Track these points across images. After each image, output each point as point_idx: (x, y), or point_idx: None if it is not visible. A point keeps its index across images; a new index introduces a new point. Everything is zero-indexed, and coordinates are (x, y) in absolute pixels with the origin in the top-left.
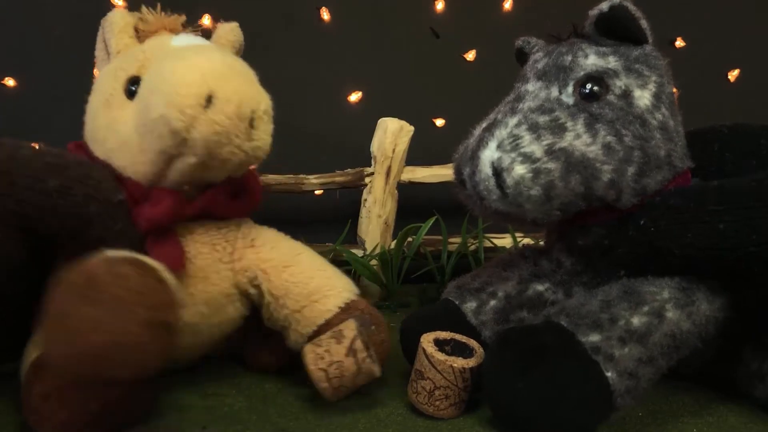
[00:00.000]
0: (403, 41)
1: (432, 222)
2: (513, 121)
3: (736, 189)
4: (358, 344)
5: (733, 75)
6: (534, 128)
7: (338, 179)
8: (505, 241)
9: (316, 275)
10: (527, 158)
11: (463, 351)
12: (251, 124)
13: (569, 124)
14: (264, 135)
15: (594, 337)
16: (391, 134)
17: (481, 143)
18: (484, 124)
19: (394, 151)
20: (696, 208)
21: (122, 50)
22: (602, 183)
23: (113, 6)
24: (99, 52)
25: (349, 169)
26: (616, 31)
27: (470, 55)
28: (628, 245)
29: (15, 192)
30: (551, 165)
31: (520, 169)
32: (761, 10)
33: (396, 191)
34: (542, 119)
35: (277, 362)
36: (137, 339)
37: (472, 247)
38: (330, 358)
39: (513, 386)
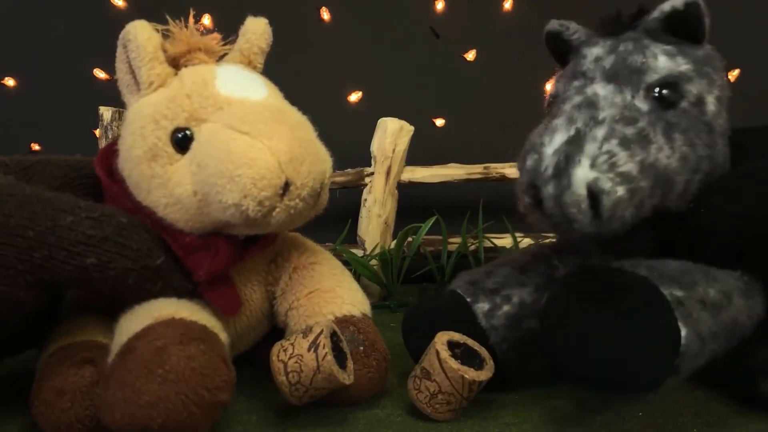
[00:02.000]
0: (403, 41)
1: (432, 222)
2: (600, 133)
3: None
4: (323, 341)
5: (733, 75)
6: (625, 143)
7: (338, 179)
8: (505, 241)
9: (326, 281)
10: (625, 179)
11: (473, 358)
12: (319, 193)
13: (652, 135)
14: (326, 195)
15: (677, 292)
16: (391, 134)
17: (570, 160)
18: (561, 135)
19: (394, 151)
20: (744, 181)
21: (155, 81)
22: (675, 194)
23: (113, 6)
24: (123, 75)
25: (349, 169)
26: (684, 29)
27: (470, 55)
28: (681, 238)
29: (51, 266)
30: (644, 183)
31: (621, 191)
32: (761, 10)
33: (396, 191)
34: (629, 132)
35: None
36: (194, 418)
37: (472, 247)
38: (291, 351)
39: (587, 320)
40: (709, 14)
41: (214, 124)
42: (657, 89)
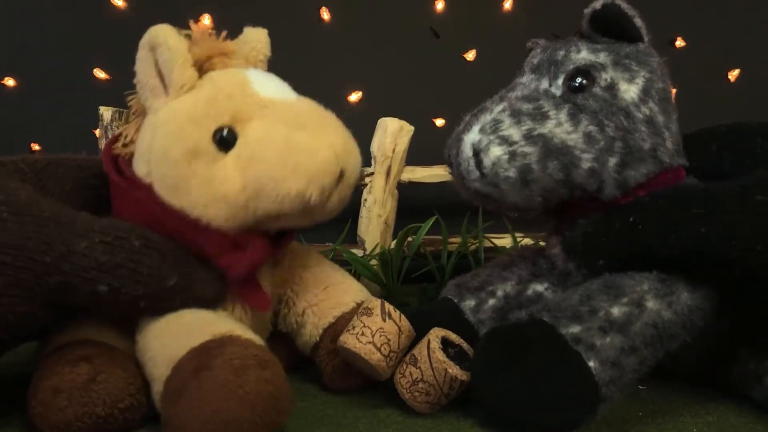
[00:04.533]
0: (403, 41)
1: (432, 222)
2: (498, 108)
3: (720, 193)
4: (388, 307)
5: (733, 75)
6: (516, 114)
7: None
8: (505, 241)
9: (333, 276)
10: (504, 141)
11: (464, 361)
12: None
13: (552, 113)
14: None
15: (574, 329)
16: (391, 134)
17: (466, 127)
18: (474, 111)
19: (394, 151)
20: (681, 211)
21: (187, 84)
22: (582, 171)
23: (113, 6)
24: (150, 79)
25: None
26: (610, 29)
27: (470, 55)
28: (612, 237)
29: (66, 291)
30: (528, 149)
31: (496, 150)
32: (761, 10)
33: (396, 191)
34: (525, 107)
35: (283, 363)
36: None
37: (472, 247)
38: (370, 330)
39: (499, 380)
40: (637, 14)
41: (263, 121)
42: (577, 79)
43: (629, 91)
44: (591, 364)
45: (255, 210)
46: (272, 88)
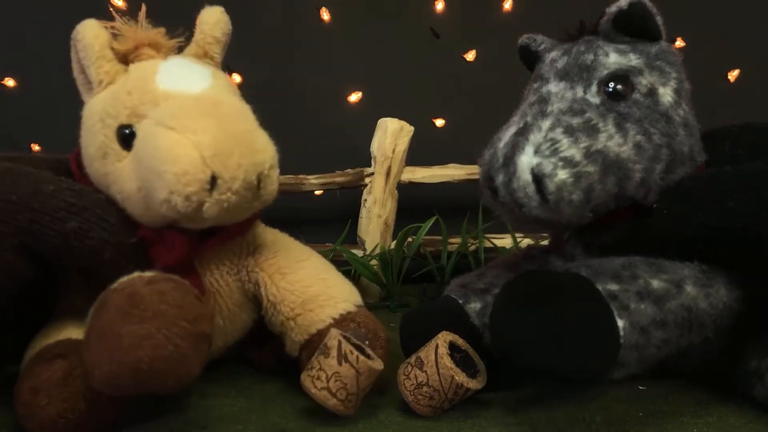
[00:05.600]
0: (403, 41)
1: (432, 222)
2: (546, 124)
3: (747, 171)
4: (346, 347)
5: (733, 75)
6: (570, 131)
7: (338, 179)
8: (505, 241)
9: (315, 284)
10: (568, 162)
11: (468, 368)
12: (259, 185)
13: (600, 124)
14: (271, 186)
15: (612, 286)
16: (391, 134)
17: (516, 149)
18: (512, 129)
19: (394, 151)
20: (707, 190)
21: (104, 78)
22: (634, 182)
23: (113, 6)
24: (77, 75)
25: (349, 169)
26: (633, 27)
27: (470, 55)
28: (647, 235)
29: (34, 229)
30: (591, 168)
31: (562, 175)
32: (761, 10)
33: (396, 191)
34: (575, 121)
35: (278, 362)
36: (181, 351)
37: (472, 247)
38: (326, 374)
39: (525, 317)
40: (659, 12)
41: (149, 121)
42: (609, 84)
43: (666, 94)
44: (620, 323)
45: (152, 209)
46: (176, 79)
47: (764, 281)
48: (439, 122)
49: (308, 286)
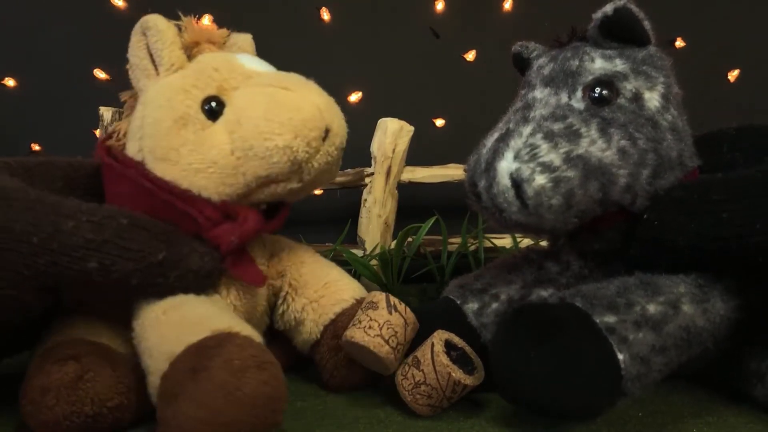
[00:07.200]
0: (403, 41)
1: (432, 222)
2: (527, 129)
3: (740, 179)
4: (393, 300)
5: (733, 75)
6: (550, 136)
7: (338, 179)
8: (505, 241)
9: (331, 272)
10: (547, 168)
11: (466, 365)
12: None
13: (583, 129)
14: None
15: (609, 318)
16: (391, 134)
17: (497, 154)
18: (495, 135)
19: (394, 151)
20: (700, 199)
21: (176, 63)
22: (618, 188)
23: (113, 6)
24: (140, 61)
25: (349, 169)
26: (620, 33)
27: (470, 55)
28: (639, 244)
29: (55, 271)
30: (570, 173)
31: (540, 179)
32: (761, 10)
33: (396, 191)
34: (556, 126)
35: (281, 362)
36: None
37: (472, 247)
38: (378, 324)
39: (524, 356)
40: (646, 17)
41: (249, 88)
42: (595, 89)
43: (652, 99)
44: (621, 356)
45: (245, 174)
46: (257, 63)
47: (761, 287)
48: (439, 122)
49: (327, 273)
